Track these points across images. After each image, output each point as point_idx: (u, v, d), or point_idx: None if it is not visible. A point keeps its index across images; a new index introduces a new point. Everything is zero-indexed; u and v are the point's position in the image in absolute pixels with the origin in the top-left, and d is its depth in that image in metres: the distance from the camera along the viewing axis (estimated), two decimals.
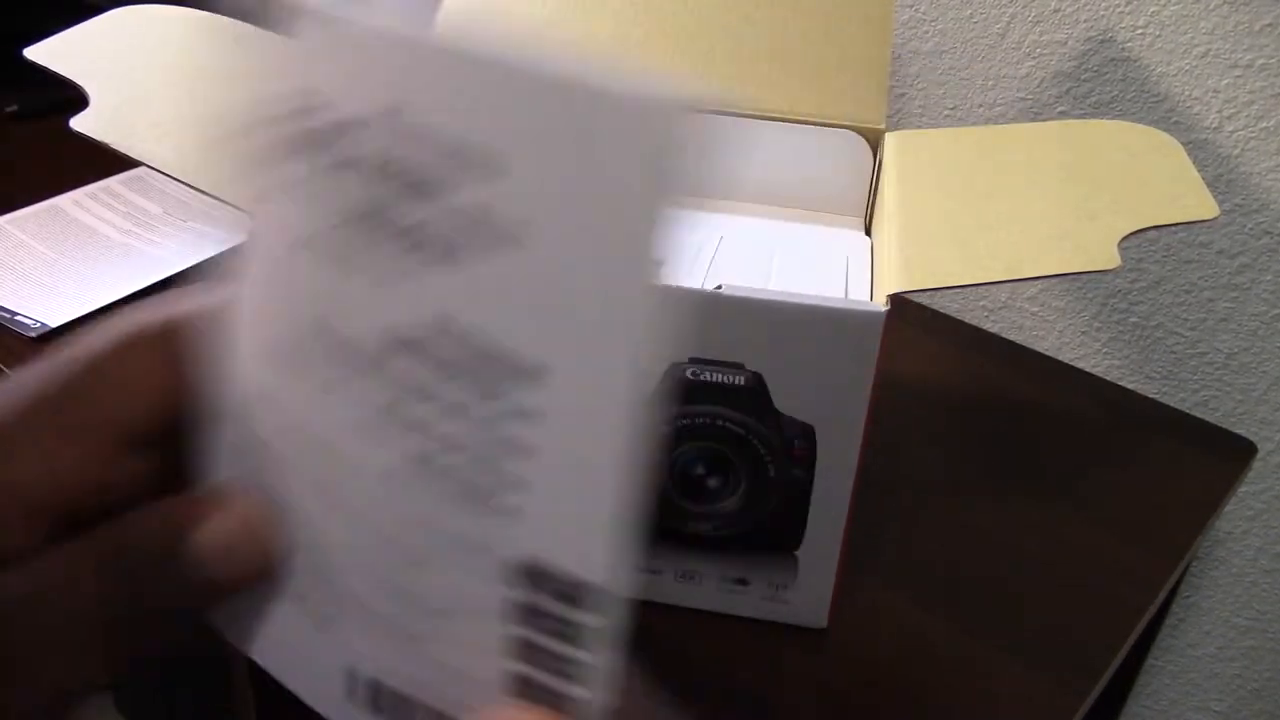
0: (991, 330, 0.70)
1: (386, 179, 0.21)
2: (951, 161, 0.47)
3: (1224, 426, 0.62)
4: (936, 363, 0.65)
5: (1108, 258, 0.39)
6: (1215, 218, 0.42)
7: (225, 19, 0.53)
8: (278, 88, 0.22)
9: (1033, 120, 0.68)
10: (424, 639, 0.23)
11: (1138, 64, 0.62)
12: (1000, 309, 0.73)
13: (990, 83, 0.68)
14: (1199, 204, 0.41)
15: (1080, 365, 0.69)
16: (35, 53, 0.47)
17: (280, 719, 0.60)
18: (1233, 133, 0.60)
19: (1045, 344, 0.71)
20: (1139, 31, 0.62)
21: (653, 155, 0.19)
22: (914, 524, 0.53)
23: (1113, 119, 0.64)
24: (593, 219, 0.19)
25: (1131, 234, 0.40)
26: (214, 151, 0.44)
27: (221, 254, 0.69)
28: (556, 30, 0.56)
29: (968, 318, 0.74)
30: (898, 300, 0.40)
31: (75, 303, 0.63)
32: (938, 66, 0.70)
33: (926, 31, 0.70)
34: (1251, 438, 0.61)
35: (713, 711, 0.44)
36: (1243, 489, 0.66)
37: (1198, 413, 0.65)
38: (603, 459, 0.20)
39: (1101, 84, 0.64)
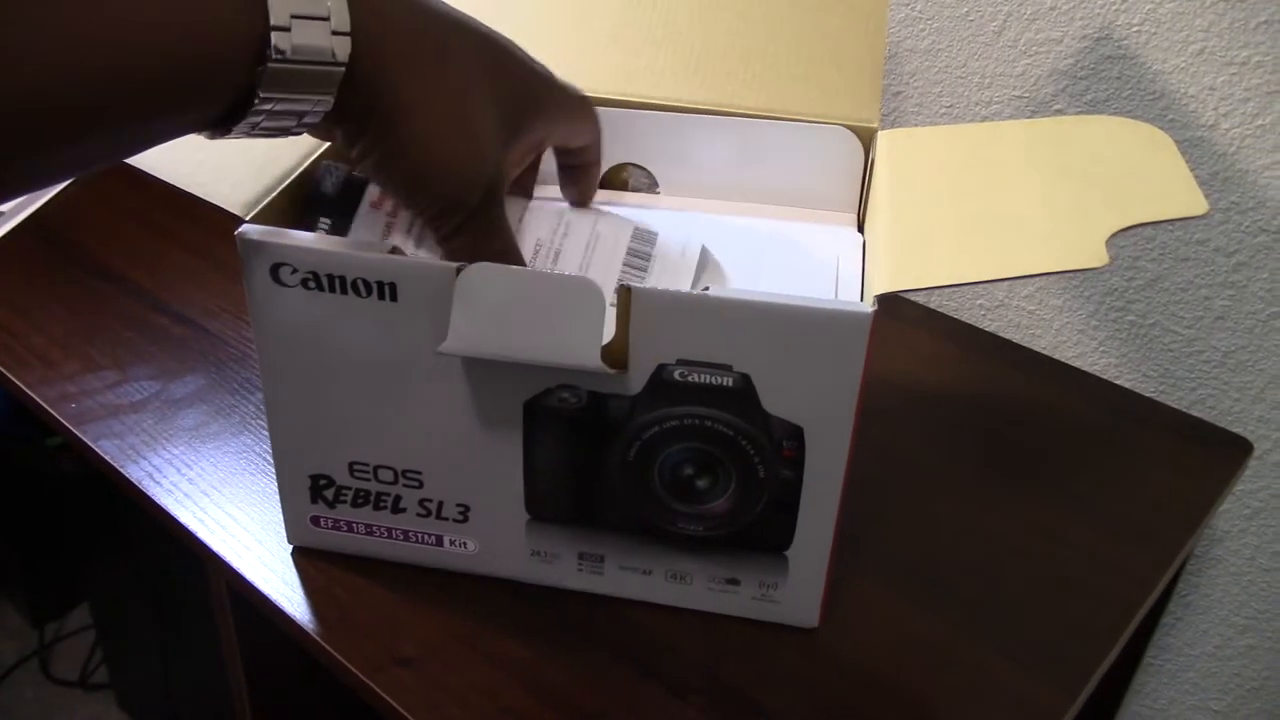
0: (988, 329, 0.70)
1: None
2: (943, 159, 0.47)
3: (1220, 425, 0.61)
4: (932, 361, 0.65)
5: (1097, 256, 0.39)
6: (1205, 214, 0.41)
7: None
8: None
9: (1030, 118, 0.68)
10: None
11: (1134, 61, 0.62)
12: (997, 307, 0.73)
13: (986, 80, 0.68)
14: (1189, 200, 0.41)
15: (1077, 364, 0.69)
16: None
17: (275, 711, 0.60)
18: (1229, 130, 0.60)
19: (1042, 343, 0.71)
20: (1135, 29, 0.61)
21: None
22: (905, 522, 0.53)
23: (1108, 116, 0.64)
24: None
25: (1121, 231, 0.40)
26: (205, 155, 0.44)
27: None
28: (548, 31, 0.56)
29: (964, 316, 0.74)
30: (893, 298, 0.40)
31: None
32: (934, 64, 0.70)
33: (923, 29, 0.70)
34: (1248, 436, 0.60)
35: (704, 711, 0.44)
36: (1240, 487, 0.66)
37: (1194, 411, 0.64)
38: None
39: (1098, 81, 0.64)
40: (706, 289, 0.39)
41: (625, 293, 0.39)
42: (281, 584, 0.48)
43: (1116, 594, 0.50)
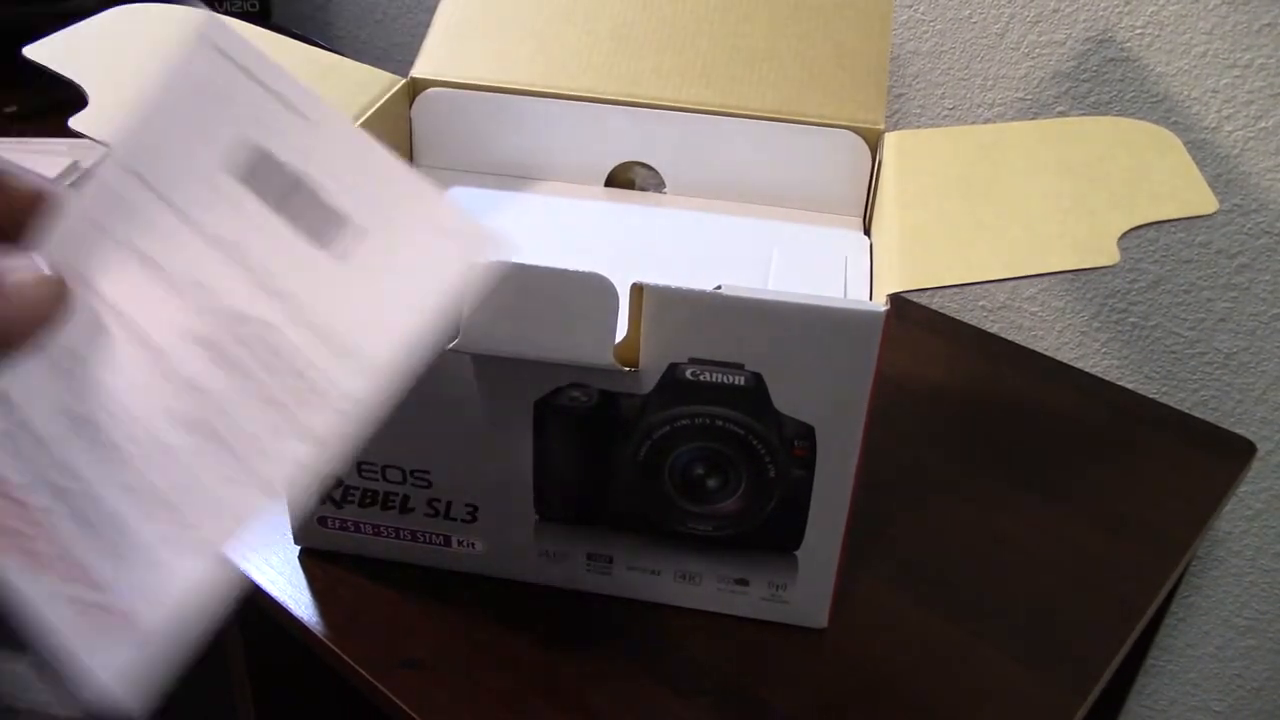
0: (991, 330, 0.70)
1: None
2: (950, 161, 0.47)
3: (1223, 426, 0.62)
4: (936, 362, 0.65)
5: (1107, 254, 0.39)
6: (1215, 213, 0.42)
7: (224, 18, 0.53)
8: None
9: (1033, 120, 0.68)
10: None
11: (1137, 64, 0.62)
12: (1000, 309, 0.73)
13: (989, 83, 0.68)
14: (1198, 199, 0.41)
15: (1079, 365, 0.69)
16: (34, 51, 0.47)
17: (279, 715, 0.60)
18: (1231, 133, 0.60)
19: (1045, 344, 0.71)
20: (1138, 31, 0.62)
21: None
22: (914, 524, 0.53)
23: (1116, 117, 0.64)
24: None
25: (1130, 230, 0.40)
26: None
27: None
28: (555, 31, 0.56)
29: (967, 317, 0.74)
30: (897, 300, 0.40)
31: None
32: (936, 67, 0.70)
33: (925, 32, 0.70)
34: (1251, 437, 0.61)
35: (712, 712, 0.44)
36: (1242, 489, 0.66)
37: (1197, 412, 0.65)
38: None
39: (1100, 84, 0.64)
40: (719, 287, 0.39)
41: (637, 291, 0.39)
42: (288, 585, 0.48)
43: (1123, 594, 0.50)
